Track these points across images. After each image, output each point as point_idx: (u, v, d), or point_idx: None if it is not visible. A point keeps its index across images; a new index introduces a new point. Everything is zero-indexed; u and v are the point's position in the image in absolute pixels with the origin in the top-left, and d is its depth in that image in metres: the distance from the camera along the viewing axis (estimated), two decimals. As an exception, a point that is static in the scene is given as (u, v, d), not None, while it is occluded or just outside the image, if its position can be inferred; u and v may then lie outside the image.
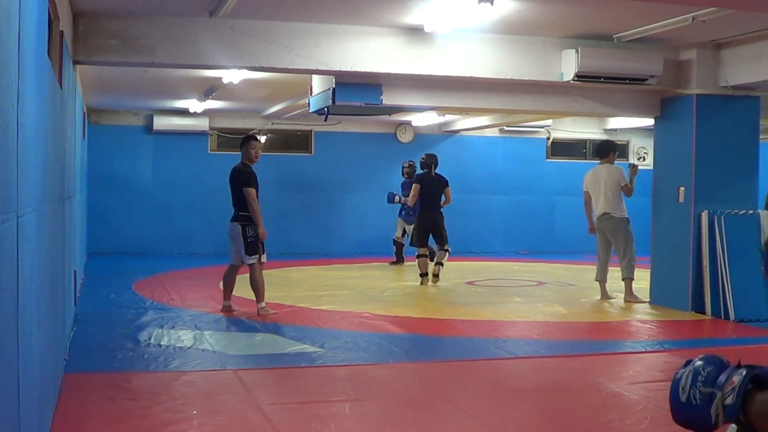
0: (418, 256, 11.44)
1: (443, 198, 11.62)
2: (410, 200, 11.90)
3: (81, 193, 10.63)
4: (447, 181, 11.71)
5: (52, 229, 4.52)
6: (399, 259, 14.07)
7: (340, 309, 9.32)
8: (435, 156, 11.89)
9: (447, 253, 11.56)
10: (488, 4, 6.54)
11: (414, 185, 11.74)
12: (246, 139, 9.10)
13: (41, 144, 3.71)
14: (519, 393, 5.83)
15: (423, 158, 11.89)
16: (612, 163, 10.24)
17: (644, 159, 16.55)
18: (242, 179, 8.68)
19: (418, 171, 12.20)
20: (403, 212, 13.78)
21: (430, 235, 11.48)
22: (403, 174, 14.08)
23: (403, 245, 13.93)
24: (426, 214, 11.52)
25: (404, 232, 13.90)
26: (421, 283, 11.28)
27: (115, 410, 5.08)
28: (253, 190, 8.66)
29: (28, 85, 3.07)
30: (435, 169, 11.70)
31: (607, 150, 10.34)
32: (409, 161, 14.06)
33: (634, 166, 10.23)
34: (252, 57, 8.00)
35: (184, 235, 15.65)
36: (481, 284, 11.89)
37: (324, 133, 16.29)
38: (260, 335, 7.74)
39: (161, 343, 7.18)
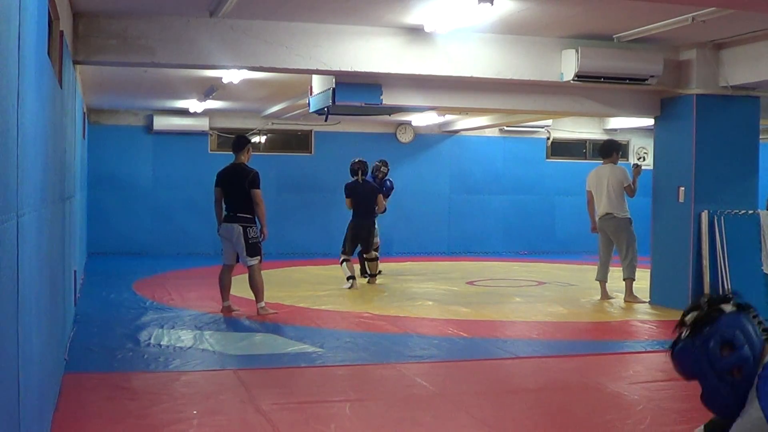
0: (345, 261, 11.17)
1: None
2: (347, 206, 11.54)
3: (81, 193, 10.63)
4: (378, 188, 11.56)
5: (52, 229, 4.52)
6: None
7: (340, 309, 9.32)
8: (364, 162, 11.59)
9: (377, 262, 11.55)
10: (488, 4, 6.54)
11: (346, 198, 11.40)
12: (245, 140, 9.10)
13: (41, 144, 3.71)
14: (519, 393, 5.83)
15: (351, 164, 11.58)
16: (615, 163, 10.21)
17: (644, 159, 16.55)
18: (252, 180, 8.67)
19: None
20: None
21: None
22: (373, 174, 12.28)
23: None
24: (358, 224, 11.34)
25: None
26: (351, 287, 10.94)
27: (115, 410, 5.08)
28: (261, 192, 8.68)
29: (28, 85, 3.07)
30: (363, 175, 11.47)
31: (611, 150, 10.32)
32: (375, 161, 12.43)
33: (637, 166, 10.18)
34: (252, 57, 8.00)
35: (184, 235, 15.64)
36: (481, 284, 11.89)
37: (324, 133, 16.29)
38: (260, 335, 7.74)
39: (161, 343, 7.18)
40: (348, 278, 11.10)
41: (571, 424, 5.05)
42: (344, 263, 11.19)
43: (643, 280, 10.11)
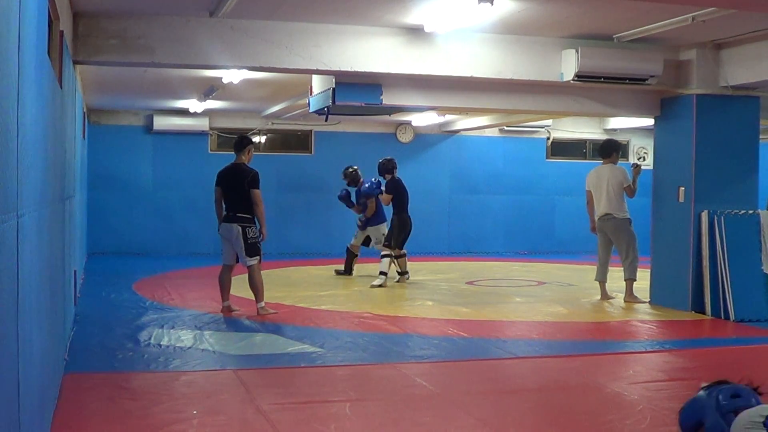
0: (400, 256, 11.51)
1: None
2: (369, 212, 12.03)
3: (81, 193, 10.63)
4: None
5: (52, 229, 4.52)
6: (348, 270, 12.48)
7: (340, 309, 9.32)
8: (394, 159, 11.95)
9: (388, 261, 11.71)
10: (488, 4, 6.54)
11: (386, 195, 11.63)
12: (247, 141, 9.09)
13: (41, 144, 3.70)
14: (519, 393, 5.83)
15: (385, 162, 11.78)
16: (615, 163, 10.20)
17: (644, 159, 16.56)
18: (252, 180, 8.67)
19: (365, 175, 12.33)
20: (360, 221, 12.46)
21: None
22: (349, 182, 12.70)
23: (357, 255, 12.55)
24: (407, 218, 11.62)
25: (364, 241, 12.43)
26: (400, 281, 11.41)
27: (115, 410, 5.08)
28: (260, 192, 8.69)
29: (28, 85, 3.07)
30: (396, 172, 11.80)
31: (610, 150, 10.30)
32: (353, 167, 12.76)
33: (636, 166, 10.15)
34: (252, 57, 8.00)
35: (184, 235, 15.64)
36: (481, 284, 11.89)
37: (324, 133, 16.29)
38: (260, 335, 7.74)
39: (161, 343, 7.18)
40: (402, 273, 11.43)
41: (571, 424, 5.05)
42: (401, 258, 11.46)
43: (643, 280, 10.10)
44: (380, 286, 11.11)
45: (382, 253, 11.47)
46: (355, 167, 12.83)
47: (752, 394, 2.46)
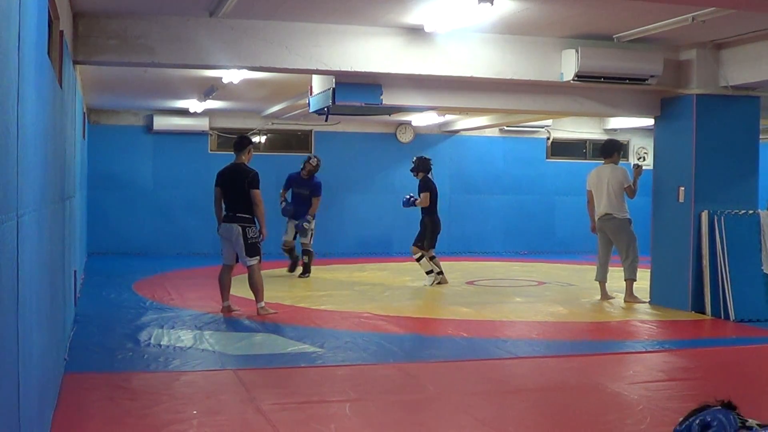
0: (433, 257, 11.55)
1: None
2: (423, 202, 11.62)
3: (81, 193, 10.63)
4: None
5: (52, 229, 4.52)
6: (305, 269, 12.23)
7: (340, 309, 9.32)
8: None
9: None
10: (488, 4, 6.54)
11: (425, 193, 11.45)
12: (247, 141, 9.10)
13: (41, 144, 3.71)
14: (519, 393, 5.83)
15: (423, 161, 11.71)
16: (616, 163, 10.19)
17: (644, 159, 16.55)
18: (252, 180, 8.68)
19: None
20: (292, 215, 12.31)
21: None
22: (304, 171, 12.43)
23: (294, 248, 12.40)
24: (438, 219, 11.58)
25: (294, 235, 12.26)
26: (441, 281, 11.39)
27: (115, 410, 5.08)
28: (260, 192, 8.68)
29: (28, 85, 3.07)
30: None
31: (612, 150, 10.29)
32: (316, 157, 12.60)
33: (637, 167, 10.13)
34: (252, 57, 8.00)
35: (184, 235, 15.64)
36: (481, 284, 11.89)
37: (324, 133, 16.28)
38: (260, 335, 7.74)
39: (161, 343, 7.18)
40: (438, 273, 11.40)
41: (571, 424, 5.05)
42: (435, 259, 11.47)
43: (643, 280, 10.10)
44: (434, 283, 11.25)
45: (416, 256, 11.50)
46: (318, 159, 12.61)
47: (726, 421, 2.43)
